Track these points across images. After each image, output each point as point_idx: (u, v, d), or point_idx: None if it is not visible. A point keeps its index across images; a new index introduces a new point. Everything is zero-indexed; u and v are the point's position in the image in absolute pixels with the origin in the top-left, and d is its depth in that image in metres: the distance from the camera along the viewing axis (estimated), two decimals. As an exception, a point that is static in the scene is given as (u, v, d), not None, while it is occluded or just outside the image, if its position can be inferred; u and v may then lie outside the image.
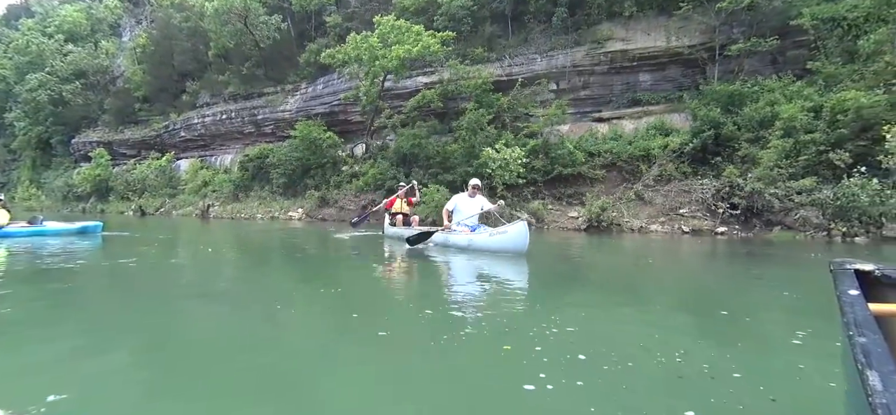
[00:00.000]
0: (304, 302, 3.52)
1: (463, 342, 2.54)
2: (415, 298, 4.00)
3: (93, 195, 34.60)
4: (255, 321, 2.98)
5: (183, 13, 34.18)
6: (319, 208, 22.08)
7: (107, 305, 3.50)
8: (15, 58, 43.70)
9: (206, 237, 11.63)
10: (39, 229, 7.84)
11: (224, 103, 32.39)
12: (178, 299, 3.83)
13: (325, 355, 2.37)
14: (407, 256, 6.99)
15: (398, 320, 3.10)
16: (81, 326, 2.82)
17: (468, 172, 17.93)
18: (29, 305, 3.26)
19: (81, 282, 4.22)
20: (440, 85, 22.10)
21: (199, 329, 2.76)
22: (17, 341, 2.41)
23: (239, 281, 4.96)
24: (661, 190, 15.22)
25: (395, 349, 2.45)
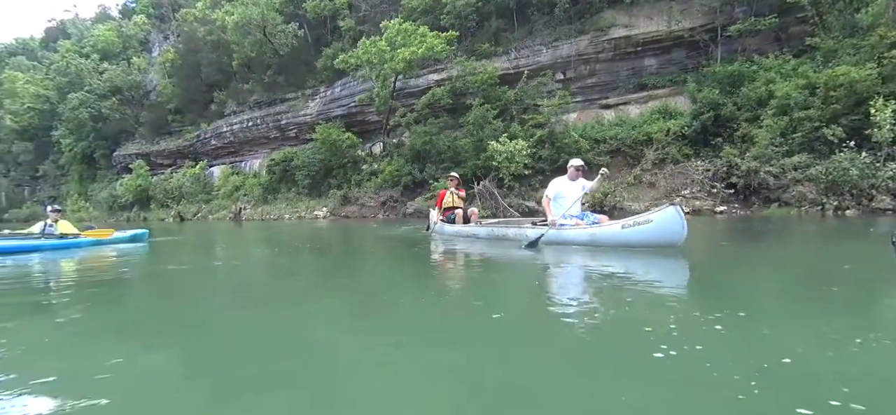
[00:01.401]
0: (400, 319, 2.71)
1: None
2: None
3: (135, 204, 37.05)
4: (361, 324, 2.66)
5: (207, 27, 35.89)
6: (342, 206, 23.31)
7: (164, 306, 3.66)
8: (56, 79, 46.70)
9: (247, 239, 11.80)
10: (96, 239, 8.45)
11: (249, 111, 34.07)
12: (233, 298, 3.88)
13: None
14: (496, 261, 5.43)
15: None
16: (144, 325, 2.92)
17: (477, 165, 18.88)
18: (98, 308, 3.50)
19: (140, 286, 4.60)
20: (449, 82, 22.92)
21: (262, 330, 2.54)
22: (89, 338, 2.55)
23: (333, 284, 4.31)
24: (662, 172, 15.73)
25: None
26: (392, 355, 2.01)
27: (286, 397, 1.58)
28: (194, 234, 14.44)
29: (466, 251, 6.33)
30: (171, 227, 22.47)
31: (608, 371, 1.77)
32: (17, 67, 54.33)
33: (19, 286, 4.41)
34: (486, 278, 4.53)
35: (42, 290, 4.15)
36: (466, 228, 8.04)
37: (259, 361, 2.02)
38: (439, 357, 1.97)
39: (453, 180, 8.87)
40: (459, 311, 3.01)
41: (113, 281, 4.66)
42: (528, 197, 17.87)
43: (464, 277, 4.63)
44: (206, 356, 2.19)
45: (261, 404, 1.55)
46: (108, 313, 3.33)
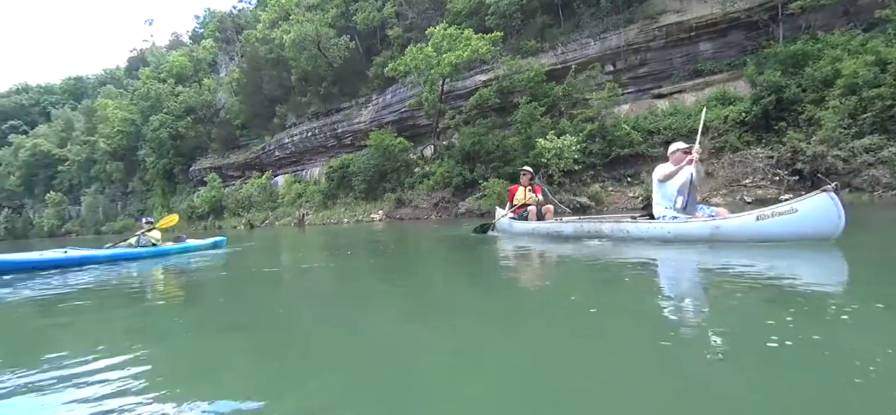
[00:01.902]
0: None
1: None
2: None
3: (211, 214, 40.24)
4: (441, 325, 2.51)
5: (267, 46, 38.29)
6: (397, 209, 24.23)
7: (241, 304, 3.86)
8: (139, 103, 51.52)
9: (317, 243, 12.04)
10: (184, 246, 9.22)
11: (308, 122, 36.03)
12: (313, 297, 4.02)
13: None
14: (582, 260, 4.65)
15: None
16: (224, 321, 3.13)
17: (526, 162, 19.00)
18: (186, 305, 3.86)
19: (221, 287, 4.98)
20: (496, 82, 23.19)
21: (341, 332, 2.54)
22: (179, 330, 2.89)
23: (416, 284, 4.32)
24: (720, 162, 15.18)
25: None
26: (475, 361, 1.85)
27: (353, 390, 1.64)
28: (263, 239, 15.49)
29: (542, 250, 5.61)
30: (243, 234, 24.24)
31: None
32: (107, 95, 60.46)
33: (121, 290, 4.91)
34: (575, 278, 3.87)
35: (140, 292, 4.70)
36: (545, 225, 7.20)
37: (329, 355, 2.11)
38: (526, 360, 1.80)
39: (526, 175, 8.16)
40: (544, 307, 2.82)
41: (199, 283, 5.29)
42: (579, 192, 17.83)
43: (543, 276, 4.18)
44: (277, 345, 2.39)
45: (324, 393, 1.63)
46: (194, 309, 3.72)
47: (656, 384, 1.52)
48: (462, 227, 12.49)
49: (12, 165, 64.79)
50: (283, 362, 2.08)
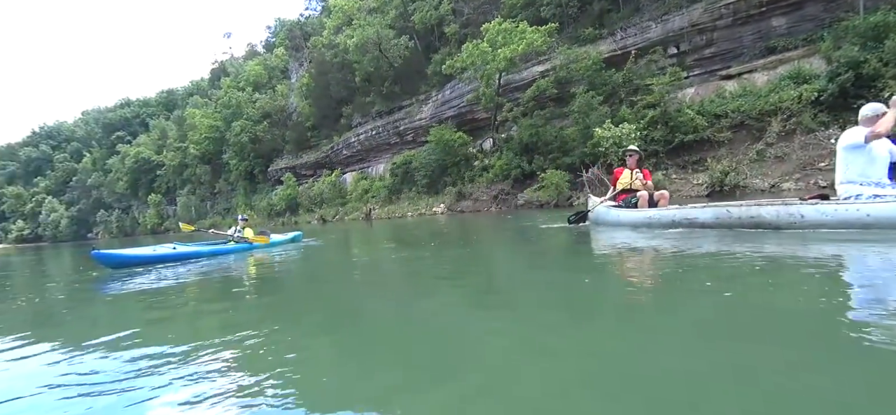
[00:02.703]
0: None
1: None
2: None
3: (287, 210, 43.45)
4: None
5: (332, 51, 40.51)
6: (457, 202, 25.07)
7: (318, 291, 4.27)
8: (222, 111, 56.41)
9: (397, 236, 12.14)
10: (270, 242, 10.10)
11: (372, 121, 37.83)
12: (385, 288, 4.19)
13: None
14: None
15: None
16: (304, 306, 3.45)
17: (585, 152, 19.06)
18: (272, 290, 4.29)
19: (300, 276, 5.61)
20: (553, 72, 23.23)
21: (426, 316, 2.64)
22: (264, 312, 3.26)
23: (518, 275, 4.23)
24: (792, 144, 14.46)
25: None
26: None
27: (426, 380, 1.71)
28: (335, 233, 16.56)
29: (660, 246, 4.57)
30: (316, 228, 26.00)
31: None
32: (194, 105, 66.58)
33: (218, 282, 5.53)
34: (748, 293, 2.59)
35: (233, 284, 5.31)
36: (666, 212, 5.77)
37: (409, 346, 2.20)
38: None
39: (633, 156, 6.97)
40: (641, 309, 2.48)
41: (283, 274, 6.01)
42: (640, 181, 17.65)
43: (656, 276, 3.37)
44: (349, 331, 2.60)
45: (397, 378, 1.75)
46: (278, 299, 4.10)
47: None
48: (537, 219, 11.85)
49: (120, 171, 73.25)
50: (360, 352, 2.16)
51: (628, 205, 6.69)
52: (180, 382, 1.84)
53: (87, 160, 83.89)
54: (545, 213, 14.80)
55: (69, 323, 3.65)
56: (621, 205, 6.81)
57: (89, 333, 2.94)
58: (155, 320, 3.43)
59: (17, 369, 2.30)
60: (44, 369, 2.21)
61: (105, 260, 7.04)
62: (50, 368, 2.22)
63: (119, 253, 7.31)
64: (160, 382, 1.86)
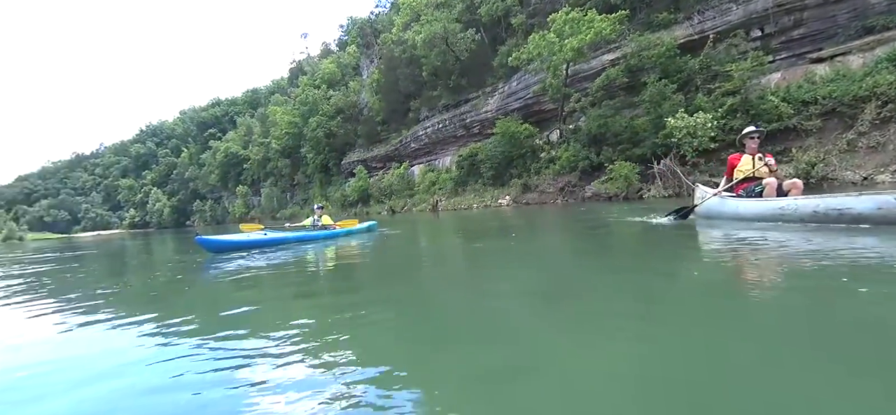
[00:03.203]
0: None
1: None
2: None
3: (359, 202, 45.73)
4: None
5: (401, 47, 41.84)
6: (523, 194, 25.19)
7: (393, 278, 4.43)
8: (300, 108, 60.22)
9: (462, 226, 12.27)
10: (347, 229, 10.62)
11: (439, 114, 38.74)
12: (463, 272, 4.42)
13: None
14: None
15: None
16: (380, 293, 3.62)
17: (656, 143, 18.52)
18: (350, 282, 4.38)
19: (378, 263, 5.86)
20: (623, 60, 22.60)
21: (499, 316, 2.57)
22: (346, 295, 3.59)
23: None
24: (888, 132, 13.19)
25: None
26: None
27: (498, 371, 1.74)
28: (404, 223, 17.17)
29: (793, 244, 3.93)
30: (386, 219, 27.00)
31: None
32: (275, 103, 71.58)
33: (301, 266, 5.79)
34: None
35: (314, 268, 5.58)
36: (809, 201, 4.83)
37: (478, 335, 2.26)
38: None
39: (754, 139, 6.06)
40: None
41: (360, 260, 6.38)
42: (717, 173, 16.90)
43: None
44: (422, 317, 2.77)
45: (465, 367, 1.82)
46: (356, 284, 4.38)
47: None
48: (615, 212, 11.29)
49: (212, 165, 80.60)
50: (432, 340, 2.24)
51: (750, 195, 5.84)
52: (266, 360, 2.02)
53: (184, 155, 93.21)
54: (616, 206, 14.58)
55: (179, 301, 4.11)
56: (741, 196, 5.95)
57: (194, 310, 3.45)
58: (249, 300, 3.77)
59: (131, 341, 2.62)
60: (152, 341, 2.54)
61: (207, 245, 7.79)
62: (157, 340, 2.57)
63: (219, 239, 8.06)
64: (249, 356, 2.09)
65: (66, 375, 2.11)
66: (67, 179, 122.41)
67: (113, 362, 2.22)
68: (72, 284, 5.88)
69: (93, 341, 2.70)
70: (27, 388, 1.99)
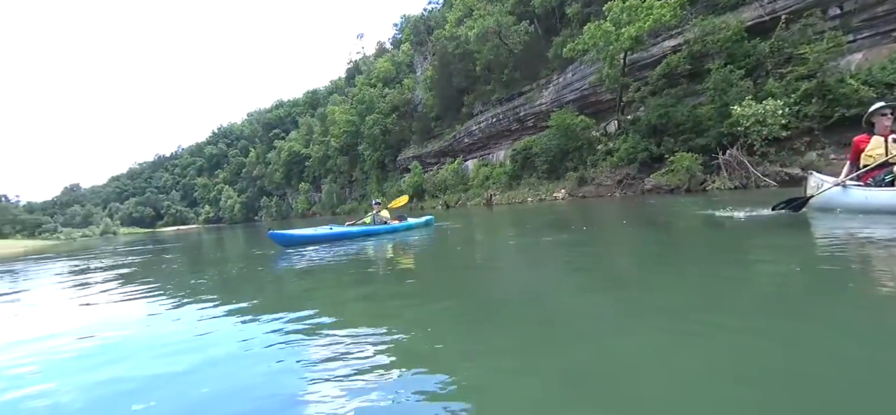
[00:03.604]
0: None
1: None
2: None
3: (414, 197, 46.81)
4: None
5: (454, 42, 42.27)
6: (579, 187, 24.90)
7: (452, 270, 4.61)
8: (357, 106, 62.40)
9: (520, 220, 12.17)
10: (406, 223, 10.89)
11: (492, 108, 38.86)
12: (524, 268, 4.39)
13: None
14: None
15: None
16: (440, 285, 3.78)
17: (722, 133, 17.75)
18: (409, 276, 4.47)
19: (439, 255, 6.08)
20: (686, 46, 21.71)
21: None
22: (405, 285, 3.71)
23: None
24: None
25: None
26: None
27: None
28: (458, 218, 17.41)
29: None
30: (440, 213, 26.85)
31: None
32: (334, 103, 74.49)
33: (363, 261, 5.92)
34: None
35: (375, 262, 5.76)
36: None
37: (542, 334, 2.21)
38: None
39: (886, 115, 5.20)
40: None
41: (419, 255, 6.62)
42: (789, 162, 16.01)
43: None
44: (476, 307, 2.88)
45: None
46: (415, 277, 4.50)
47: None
48: (683, 204, 10.65)
49: (277, 164, 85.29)
50: (488, 336, 2.27)
51: (881, 183, 5.09)
52: (332, 347, 2.19)
53: (252, 155, 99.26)
54: (680, 199, 14.20)
55: (258, 290, 4.47)
56: (870, 184, 5.18)
57: (267, 298, 3.84)
58: (317, 291, 4.11)
59: (216, 325, 2.89)
60: (235, 325, 2.84)
61: (279, 239, 8.20)
62: (240, 323, 2.87)
63: (289, 233, 8.42)
64: (319, 342, 2.28)
65: (167, 350, 2.44)
66: (151, 179, 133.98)
67: (201, 342, 2.55)
68: (167, 274, 6.69)
69: (187, 322, 3.07)
70: (129, 356, 2.39)
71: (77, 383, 2.08)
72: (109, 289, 5.23)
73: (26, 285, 6.70)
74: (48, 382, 2.11)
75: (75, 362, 2.38)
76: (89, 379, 2.10)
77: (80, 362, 2.38)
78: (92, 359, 2.40)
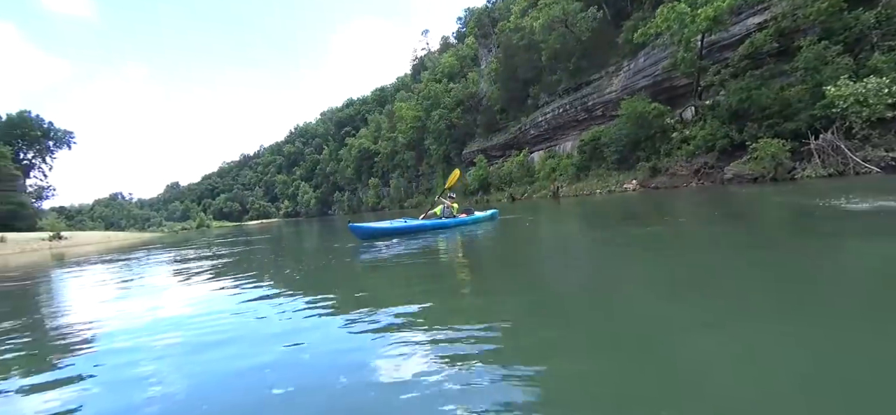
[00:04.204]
0: None
1: None
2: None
3: (479, 190, 47.07)
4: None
5: (519, 33, 41.76)
6: (651, 178, 23.78)
7: (514, 261, 4.93)
8: (423, 102, 63.58)
9: (586, 213, 12.07)
10: (473, 217, 11.19)
11: (559, 99, 38.00)
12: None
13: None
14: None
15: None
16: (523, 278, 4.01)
17: (814, 116, 16.22)
18: (476, 266, 4.92)
19: (503, 247, 6.50)
20: (773, 22, 19.95)
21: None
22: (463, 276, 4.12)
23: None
24: None
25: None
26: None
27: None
28: (525, 210, 17.42)
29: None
30: (506, 206, 26.48)
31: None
32: (401, 99, 76.34)
33: (433, 253, 6.27)
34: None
35: (446, 254, 6.18)
36: None
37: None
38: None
39: None
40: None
41: (487, 247, 7.04)
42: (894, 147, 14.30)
43: None
44: (543, 302, 3.03)
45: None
46: (482, 268, 4.91)
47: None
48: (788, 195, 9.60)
49: (348, 160, 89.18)
50: (555, 329, 2.33)
51: None
52: (428, 338, 2.34)
53: (325, 152, 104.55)
54: (763, 188, 13.21)
55: (348, 281, 4.94)
56: None
57: (353, 290, 4.24)
58: (396, 284, 4.44)
59: (308, 312, 3.24)
60: (322, 315, 3.19)
61: (359, 232, 8.66)
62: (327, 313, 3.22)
63: (368, 226, 8.89)
64: (408, 334, 2.45)
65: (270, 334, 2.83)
66: (238, 177, 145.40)
67: (298, 326, 2.90)
68: (267, 264, 7.52)
69: (289, 309, 3.51)
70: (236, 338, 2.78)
71: (209, 362, 2.42)
72: (223, 275, 5.99)
73: (166, 269, 7.93)
74: (195, 357, 2.49)
75: (207, 346, 2.73)
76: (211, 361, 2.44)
77: (209, 346, 2.74)
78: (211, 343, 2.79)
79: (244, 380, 2.11)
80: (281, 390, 1.91)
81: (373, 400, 1.75)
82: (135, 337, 3.07)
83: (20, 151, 52.81)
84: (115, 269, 9.07)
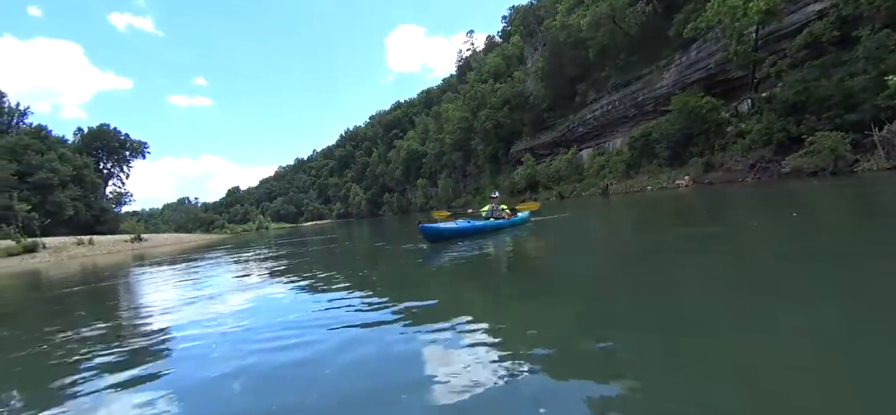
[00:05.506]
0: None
1: None
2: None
3: (527, 188, 47.40)
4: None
5: (565, 31, 41.75)
6: (705, 173, 23.46)
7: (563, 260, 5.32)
8: (469, 103, 64.52)
9: (640, 212, 12.19)
10: (520, 217, 11.33)
11: (608, 95, 37.81)
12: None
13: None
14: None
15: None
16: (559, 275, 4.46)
17: (879, 107, 15.75)
18: (523, 269, 5.28)
19: (555, 250, 6.86)
20: (834, 10, 19.33)
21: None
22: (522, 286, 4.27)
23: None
24: None
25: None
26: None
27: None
28: (574, 208, 17.53)
29: None
30: (556, 204, 26.03)
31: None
32: (447, 101, 77.71)
33: (484, 252, 6.56)
34: None
35: (494, 254, 6.56)
36: None
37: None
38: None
39: None
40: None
41: (534, 248, 7.33)
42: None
43: None
44: (590, 301, 3.33)
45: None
46: (528, 270, 5.23)
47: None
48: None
49: (396, 162, 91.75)
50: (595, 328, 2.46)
51: None
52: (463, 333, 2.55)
53: (375, 155, 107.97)
54: (823, 182, 12.94)
55: (416, 282, 5.25)
56: None
57: (414, 288, 4.63)
58: (472, 286, 4.65)
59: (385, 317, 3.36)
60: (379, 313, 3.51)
61: (427, 232, 8.80)
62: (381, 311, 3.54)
63: (437, 226, 9.09)
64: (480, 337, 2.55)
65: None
66: (293, 180, 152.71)
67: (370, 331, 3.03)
68: (338, 265, 8.25)
69: (368, 310, 3.72)
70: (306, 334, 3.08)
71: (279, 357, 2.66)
72: (290, 276, 6.58)
73: (235, 268, 9.00)
74: (271, 351, 2.76)
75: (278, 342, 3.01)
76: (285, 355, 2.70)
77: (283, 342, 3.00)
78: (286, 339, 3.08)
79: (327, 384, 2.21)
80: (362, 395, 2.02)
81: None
82: (215, 336, 3.36)
83: (100, 160, 58.34)
84: (196, 268, 10.05)
